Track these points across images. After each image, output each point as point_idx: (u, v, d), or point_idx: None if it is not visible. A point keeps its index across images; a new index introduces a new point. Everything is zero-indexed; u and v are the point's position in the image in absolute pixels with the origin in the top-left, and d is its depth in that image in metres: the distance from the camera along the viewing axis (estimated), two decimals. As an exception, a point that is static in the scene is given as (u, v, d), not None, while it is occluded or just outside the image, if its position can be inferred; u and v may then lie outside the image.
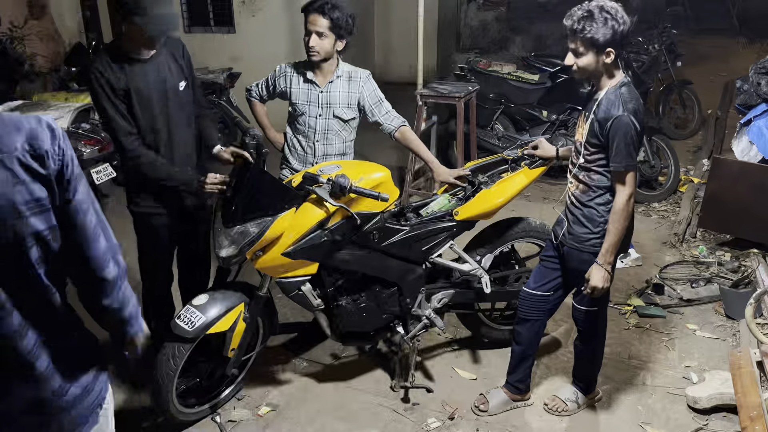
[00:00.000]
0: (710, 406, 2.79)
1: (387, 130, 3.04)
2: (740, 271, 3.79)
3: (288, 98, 3.02)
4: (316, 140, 3.00)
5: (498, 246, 3.05)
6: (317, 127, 2.98)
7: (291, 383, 3.07)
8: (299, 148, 3.05)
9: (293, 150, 3.08)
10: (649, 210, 5.00)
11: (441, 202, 2.97)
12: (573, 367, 2.89)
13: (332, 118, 2.97)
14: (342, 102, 2.96)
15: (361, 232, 2.63)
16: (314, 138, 2.99)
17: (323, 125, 2.98)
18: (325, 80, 2.95)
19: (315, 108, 2.96)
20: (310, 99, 2.97)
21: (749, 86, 4.47)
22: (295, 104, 2.99)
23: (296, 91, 2.98)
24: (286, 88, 3.00)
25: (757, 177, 3.96)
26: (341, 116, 2.97)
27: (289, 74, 3.02)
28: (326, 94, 2.95)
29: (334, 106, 2.96)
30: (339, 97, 2.96)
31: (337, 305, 2.77)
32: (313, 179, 2.49)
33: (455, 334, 3.40)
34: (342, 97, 2.96)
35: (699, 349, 3.28)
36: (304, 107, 2.97)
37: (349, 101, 2.98)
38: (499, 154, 3.13)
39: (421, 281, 2.89)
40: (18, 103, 4.87)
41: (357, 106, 3.00)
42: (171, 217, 2.80)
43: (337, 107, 2.96)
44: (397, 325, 2.94)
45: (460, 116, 4.87)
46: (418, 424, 2.79)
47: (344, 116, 2.98)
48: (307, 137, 3.01)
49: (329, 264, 2.66)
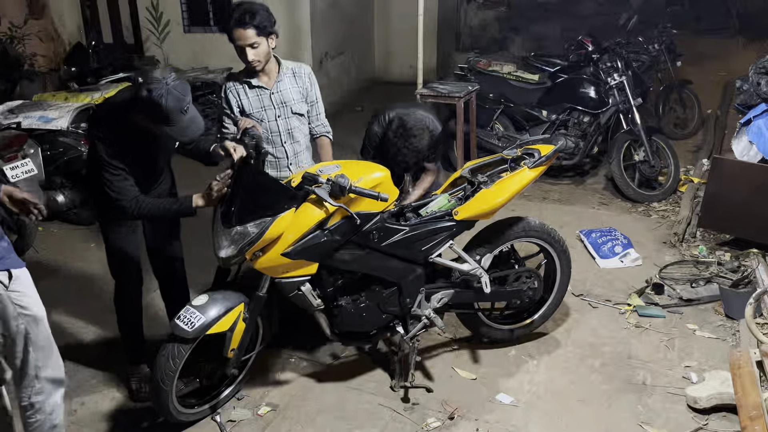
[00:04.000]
0: (710, 406, 2.79)
1: (312, 131, 3.11)
2: (740, 271, 3.79)
3: (242, 112, 2.98)
4: (283, 142, 3.02)
5: (498, 246, 3.04)
6: (280, 128, 2.99)
7: (291, 383, 3.07)
8: (269, 157, 3.01)
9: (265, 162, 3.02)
10: (649, 210, 5.00)
11: (440, 202, 2.97)
12: None
13: (291, 116, 3.01)
14: (295, 98, 3.00)
15: (360, 232, 2.63)
16: (281, 141, 3.01)
17: (285, 125, 3.01)
18: (271, 81, 2.97)
19: (272, 111, 2.97)
20: (263, 104, 2.96)
21: (749, 86, 4.46)
22: (251, 114, 2.96)
23: (247, 101, 2.97)
24: (237, 101, 2.97)
25: (757, 177, 3.96)
26: (299, 111, 3.02)
27: (234, 89, 2.98)
28: (278, 94, 2.97)
29: (290, 104, 2.98)
30: (291, 94, 2.99)
31: (336, 305, 2.77)
32: (313, 179, 2.50)
33: (455, 334, 3.40)
34: (294, 93, 3.00)
35: (699, 349, 3.28)
36: (260, 114, 2.96)
37: (300, 95, 3.02)
38: (498, 154, 3.13)
39: (420, 281, 2.89)
40: (18, 103, 4.87)
41: (306, 99, 3.04)
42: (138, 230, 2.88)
43: (293, 104, 2.99)
44: (397, 325, 2.94)
45: (460, 116, 4.87)
46: (418, 424, 2.79)
47: (301, 110, 3.03)
48: (273, 143, 3.01)
49: (329, 264, 2.66)
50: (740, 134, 4.35)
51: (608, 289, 3.85)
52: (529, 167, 2.98)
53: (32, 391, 2.20)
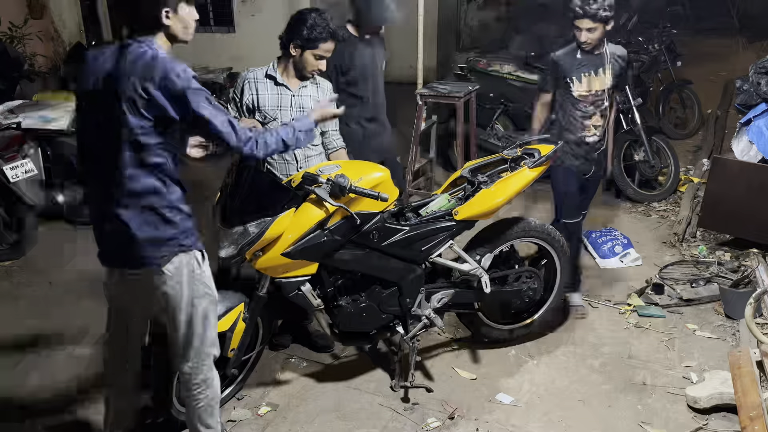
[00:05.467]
0: (710, 405, 2.79)
1: (328, 144, 3.07)
2: (740, 271, 3.79)
3: (254, 106, 2.90)
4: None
5: (498, 246, 3.04)
6: None
7: (291, 383, 3.07)
8: (277, 156, 2.94)
9: (271, 164, 2.96)
10: (649, 210, 5.00)
11: (441, 202, 2.97)
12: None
13: None
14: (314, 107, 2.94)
15: (360, 232, 2.63)
16: None
17: None
18: (296, 84, 2.92)
19: (287, 112, 2.88)
20: (281, 104, 2.89)
21: (749, 86, 4.46)
22: (264, 110, 2.89)
23: (265, 96, 2.89)
24: (252, 95, 2.89)
25: (757, 177, 3.96)
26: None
27: (253, 82, 2.91)
28: (299, 98, 2.90)
29: (308, 111, 2.93)
30: (311, 102, 2.90)
31: (337, 305, 2.77)
32: (313, 179, 2.49)
33: (455, 334, 3.40)
34: (314, 102, 2.90)
35: (699, 349, 3.28)
36: (275, 112, 2.89)
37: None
38: (498, 154, 3.13)
39: (420, 281, 2.89)
40: (18, 103, 4.86)
41: None
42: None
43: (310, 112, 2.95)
44: (397, 325, 2.94)
45: (460, 116, 4.87)
46: (418, 424, 2.79)
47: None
48: None
49: (329, 264, 2.66)
50: (740, 134, 4.34)
51: (608, 289, 3.85)
52: (529, 167, 2.98)
53: (207, 367, 2.30)
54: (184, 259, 2.13)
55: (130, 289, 2.23)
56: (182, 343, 2.24)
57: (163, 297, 2.16)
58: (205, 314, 2.23)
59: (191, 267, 2.15)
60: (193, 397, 2.33)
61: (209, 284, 2.23)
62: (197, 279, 2.17)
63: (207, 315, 2.24)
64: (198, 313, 2.21)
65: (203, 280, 2.20)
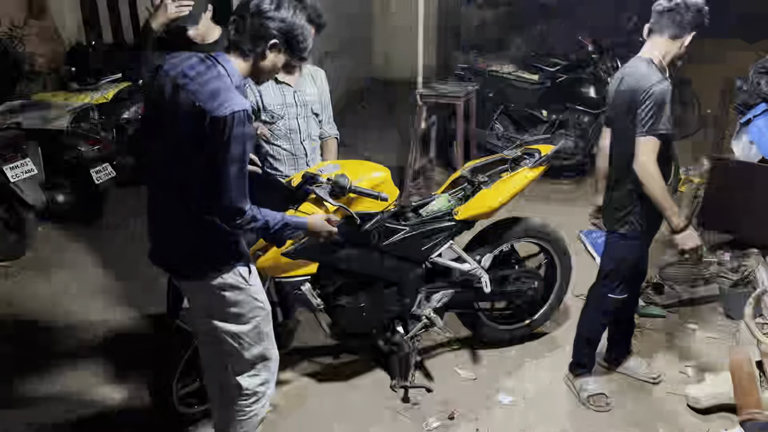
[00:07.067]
0: (710, 405, 2.79)
1: (322, 134, 3.09)
2: (740, 271, 3.78)
3: (260, 107, 2.90)
4: (302, 140, 2.99)
5: (498, 246, 3.04)
6: (300, 127, 2.97)
7: (291, 383, 3.07)
8: (285, 153, 2.97)
9: (280, 160, 2.98)
10: (649, 210, 4.99)
11: (441, 202, 2.97)
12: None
13: (311, 116, 3.00)
14: (315, 99, 3.00)
15: (360, 231, 2.63)
16: (300, 139, 2.98)
17: (305, 124, 2.98)
18: (295, 80, 2.95)
19: (293, 109, 2.93)
20: (286, 101, 2.91)
21: (749, 86, 4.46)
22: (270, 110, 2.90)
23: (269, 95, 2.90)
24: (255, 97, 2.88)
25: (757, 177, 3.96)
26: (318, 112, 3.02)
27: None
28: (300, 93, 2.95)
29: (311, 104, 2.98)
30: (311, 94, 2.98)
31: (337, 305, 2.77)
32: (313, 179, 2.50)
33: (455, 334, 3.40)
34: (314, 94, 3.00)
35: (699, 349, 3.28)
36: (281, 110, 2.91)
37: (318, 97, 3.02)
38: (498, 154, 3.13)
39: (420, 281, 2.89)
40: (18, 103, 4.86)
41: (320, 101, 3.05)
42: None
43: (314, 104, 2.99)
44: (397, 324, 2.94)
45: (460, 116, 4.87)
46: (418, 424, 2.79)
47: (318, 111, 3.03)
48: (291, 140, 2.97)
49: (329, 264, 2.66)
50: (740, 134, 4.34)
51: (608, 289, 3.84)
52: (529, 167, 2.98)
53: (258, 380, 2.28)
54: (231, 274, 2.10)
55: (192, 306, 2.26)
56: (234, 357, 2.23)
57: (209, 309, 2.16)
58: (258, 325, 2.21)
59: (237, 281, 2.12)
60: (237, 410, 2.30)
61: (260, 297, 2.21)
62: (245, 292, 2.15)
63: (259, 326, 2.21)
64: (250, 326, 2.19)
65: (252, 294, 2.17)
